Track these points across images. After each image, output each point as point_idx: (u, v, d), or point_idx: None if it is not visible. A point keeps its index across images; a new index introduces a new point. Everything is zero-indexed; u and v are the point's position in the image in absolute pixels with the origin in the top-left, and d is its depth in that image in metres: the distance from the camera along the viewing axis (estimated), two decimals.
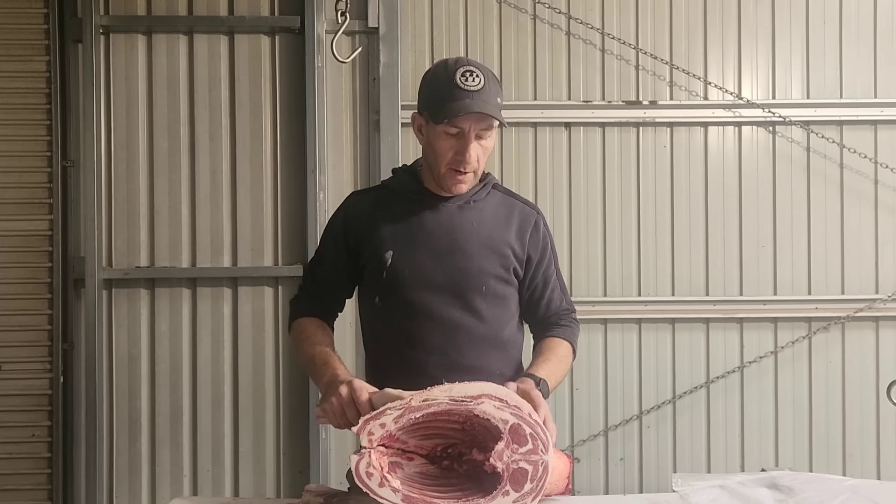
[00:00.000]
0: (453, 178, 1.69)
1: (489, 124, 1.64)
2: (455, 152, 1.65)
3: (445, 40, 3.42)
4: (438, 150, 1.67)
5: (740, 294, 3.44)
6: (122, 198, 3.37)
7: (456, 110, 1.60)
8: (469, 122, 1.62)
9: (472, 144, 1.64)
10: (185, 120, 3.38)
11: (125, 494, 3.35)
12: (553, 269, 1.86)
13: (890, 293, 3.39)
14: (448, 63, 1.68)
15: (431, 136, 1.68)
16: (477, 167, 1.69)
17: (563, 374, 1.76)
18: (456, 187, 1.71)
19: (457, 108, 1.60)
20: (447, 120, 1.61)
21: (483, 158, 1.70)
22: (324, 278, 1.84)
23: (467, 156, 1.64)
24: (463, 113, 1.59)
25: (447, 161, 1.67)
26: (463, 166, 1.66)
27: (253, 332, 3.37)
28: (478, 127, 1.63)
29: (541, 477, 1.38)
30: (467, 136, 1.63)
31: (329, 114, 3.38)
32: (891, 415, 3.40)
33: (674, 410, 3.43)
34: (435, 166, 1.71)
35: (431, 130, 1.68)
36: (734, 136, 3.46)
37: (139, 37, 3.37)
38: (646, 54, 3.41)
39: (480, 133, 1.65)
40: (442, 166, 1.68)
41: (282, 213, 3.39)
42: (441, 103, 1.62)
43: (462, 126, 1.62)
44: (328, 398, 1.50)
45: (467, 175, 1.69)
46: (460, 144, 1.64)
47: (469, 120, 1.62)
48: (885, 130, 3.44)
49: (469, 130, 1.63)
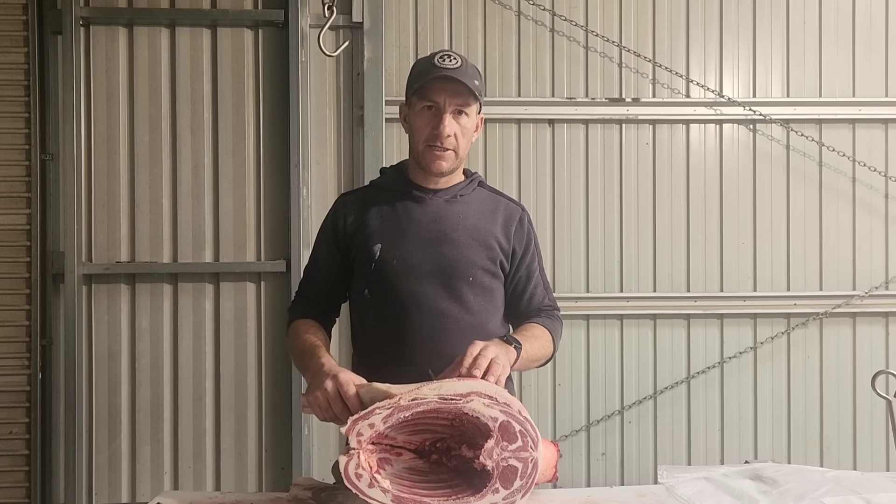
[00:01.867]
0: (431, 154, 1.72)
1: (465, 100, 1.69)
2: (431, 127, 1.70)
3: (430, 36, 3.42)
4: (416, 128, 1.73)
5: (721, 290, 3.48)
6: (103, 192, 3.33)
7: (431, 82, 1.67)
8: (444, 96, 1.68)
9: (447, 117, 1.69)
10: (166, 114, 3.35)
11: (105, 491, 3.32)
12: (536, 266, 1.87)
13: (867, 289, 3.45)
14: (430, 53, 1.76)
15: (412, 117, 1.75)
16: (456, 144, 1.72)
17: (536, 351, 1.72)
18: (435, 164, 1.73)
19: (430, 76, 1.67)
20: (420, 93, 1.68)
21: (462, 138, 1.73)
22: (318, 282, 1.86)
23: (442, 128, 1.68)
24: (435, 81, 1.66)
25: (425, 137, 1.71)
26: (440, 140, 1.69)
27: (235, 327, 3.35)
28: (453, 102, 1.68)
29: (530, 474, 1.38)
30: (443, 109, 1.68)
31: (312, 109, 3.36)
32: (867, 408, 3.47)
33: (655, 405, 3.47)
34: (415, 147, 1.75)
35: (412, 112, 1.74)
36: (715, 134, 3.50)
37: (120, 29, 3.33)
38: (629, 52, 3.44)
39: (457, 109, 1.69)
40: (421, 143, 1.73)
41: (264, 208, 3.37)
42: (419, 82, 1.70)
43: (436, 99, 1.68)
44: (313, 391, 1.49)
45: (447, 152, 1.72)
46: (436, 119, 1.69)
47: (444, 92, 1.67)
48: (862, 129, 3.50)
49: (444, 104, 1.68)
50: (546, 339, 1.78)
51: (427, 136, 1.71)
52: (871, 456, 3.48)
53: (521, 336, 1.68)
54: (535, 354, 1.71)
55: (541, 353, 1.74)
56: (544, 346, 1.76)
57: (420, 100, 1.70)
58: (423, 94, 1.69)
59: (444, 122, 1.68)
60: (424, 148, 1.72)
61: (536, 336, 1.74)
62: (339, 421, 1.45)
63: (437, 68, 1.68)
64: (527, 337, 1.69)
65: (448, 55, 1.71)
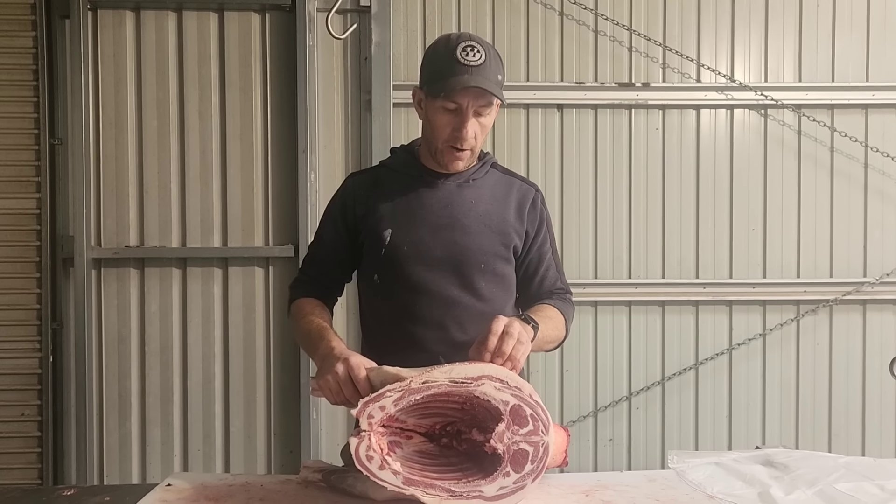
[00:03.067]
0: (450, 154, 1.68)
1: (488, 101, 1.62)
2: (452, 129, 1.64)
3: (438, 20, 3.39)
4: (436, 126, 1.66)
5: (730, 277, 3.46)
6: (111, 176, 3.33)
7: (454, 85, 1.58)
8: (467, 98, 1.60)
9: (469, 121, 1.62)
10: (174, 98, 3.34)
11: (115, 473, 3.35)
12: (548, 248, 1.84)
13: (878, 276, 3.43)
14: (450, 38, 1.65)
15: (430, 111, 1.67)
16: (475, 144, 1.67)
17: (550, 332, 1.68)
18: (453, 164, 1.70)
19: (455, 82, 1.58)
20: (444, 95, 1.59)
21: (481, 136, 1.68)
22: (323, 260, 1.83)
23: (464, 132, 1.63)
24: (460, 87, 1.57)
25: (445, 137, 1.66)
26: (460, 143, 1.64)
27: (244, 312, 3.36)
28: (476, 104, 1.61)
29: (541, 458, 1.38)
30: (465, 112, 1.61)
31: (320, 93, 3.35)
32: (876, 395, 3.46)
33: (663, 392, 3.47)
34: (433, 142, 1.70)
35: (430, 105, 1.66)
36: (726, 119, 3.47)
37: (127, 13, 3.33)
38: (639, 36, 3.41)
39: (479, 110, 1.63)
40: (439, 142, 1.67)
41: (272, 193, 3.37)
42: (440, 78, 1.61)
43: (460, 102, 1.60)
44: (323, 374, 1.49)
45: (464, 152, 1.67)
46: (458, 121, 1.63)
47: (467, 96, 1.60)
48: (875, 114, 3.46)
49: (467, 107, 1.61)
50: (559, 320, 1.75)
51: (447, 137, 1.65)
52: (880, 443, 3.47)
53: (535, 316, 1.63)
54: (548, 336, 1.68)
55: (554, 334, 1.71)
56: (557, 328, 1.73)
57: (442, 99, 1.61)
58: (447, 96, 1.59)
59: (467, 127, 1.62)
60: (443, 147, 1.67)
61: (550, 317, 1.71)
62: (349, 404, 1.45)
63: (461, 66, 1.58)
64: (541, 318, 1.65)
65: (471, 47, 1.60)
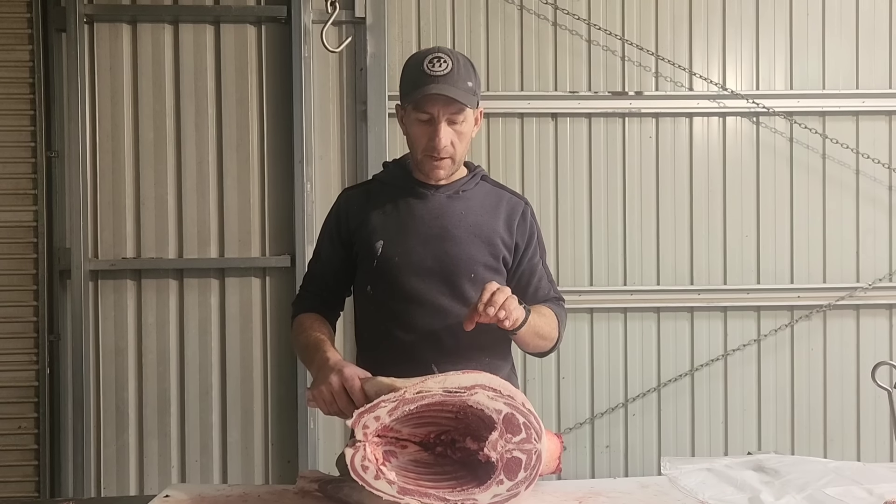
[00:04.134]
0: (430, 163, 1.72)
1: (458, 108, 1.67)
2: (428, 138, 1.69)
3: (432, 30, 3.42)
4: (414, 137, 1.72)
5: (724, 283, 3.48)
6: (108, 189, 3.35)
7: (420, 95, 1.64)
8: (437, 107, 1.65)
9: (442, 129, 1.67)
10: (170, 110, 3.36)
11: (113, 485, 3.34)
12: (539, 259, 1.87)
13: (871, 281, 3.45)
14: (420, 52, 1.73)
15: (408, 124, 1.74)
16: (453, 152, 1.71)
17: (542, 326, 1.72)
18: (433, 173, 1.74)
19: (421, 93, 1.64)
20: (413, 106, 1.66)
21: (459, 144, 1.72)
22: (322, 276, 1.87)
23: (437, 140, 1.67)
24: (425, 96, 1.63)
25: (422, 147, 1.71)
26: (436, 152, 1.69)
27: (241, 323, 3.37)
28: (447, 111, 1.66)
29: (534, 465, 1.39)
30: (437, 120, 1.67)
31: (316, 104, 3.37)
32: (870, 400, 3.47)
33: (659, 398, 3.48)
34: (414, 154, 1.75)
35: (407, 119, 1.73)
36: (719, 127, 3.50)
37: (124, 26, 3.35)
38: (632, 45, 3.44)
39: (451, 118, 1.68)
40: (419, 153, 1.73)
41: (269, 203, 3.39)
42: (410, 91, 1.67)
43: (430, 111, 1.66)
44: (318, 385, 1.51)
45: (444, 161, 1.71)
46: (431, 130, 1.68)
47: (436, 104, 1.65)
48: (866, 121, 3.49)
49: (438, 115, 1.66)
50: (552, 319, 1.77)
51: (424, 147, 1.70)
52: (875, 448, 3.49)
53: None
54: (540, 329, 1.71)
55: (546, 329, 1.74)
56: (550, 325, 1.76)
57: (414, 110, 1.68)
58: (417, 106, 1.67)
59: (440, 135, 1.67)
60: (423, 157, 1.72)
61: (543, 314, 1.74)
62: (343, 415, 1.47)
63: (427, 76, 1.64)
64: (534, 309, 1.69)
65: (438, 58, 1.66)
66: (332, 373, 1.49)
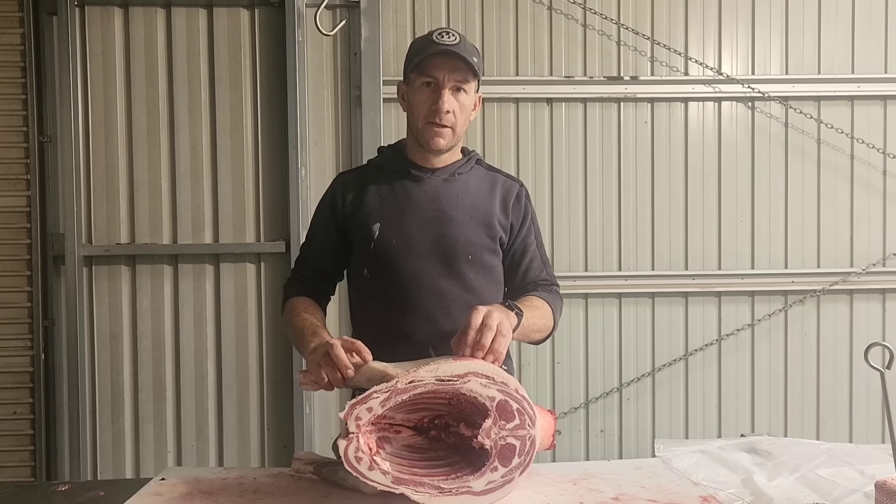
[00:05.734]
0: (430, 131, 1.72)
1: (463, 76, 1.69)
2: (430, 103, 1.70)
3: (427, 15, 3.40)
4: (415, 105, 1.73)
5: (719, 268, 3.49)
6: (101, 174, 3.33)
7: (427, 55, 1.67)
8: (443, 72, 1.68)
9: (446, 93, 1.68)
10: (163, 95, 3.34)
11: (109, 470, 3.36)
12: (533, 240, 1.87)
13: (864, 266, 3.47)
14: (428, 31, 1.76)
15: (410, 94, 1.75)
16: (454, 121, 1.72)
17: (536, 321, 1.69)
18: (433, 141, 1.73)
19: (428, 53, 1.67)
20: (419, 66, 1.68)
21: (461, 115, 1.73)
22: (315, 260, 1.86)
23: (441, 103, 1.68)
24: (433, 53, 1.66)
25: (424, 114, 1.71)
26: (438, 117, 1.69)
27: (236, 308, 3.37)
28: (452, 78, 1.68)
29: (528, 451, 1.40)
30: (441, 83, 1.68)
31: (310, 89, 3.35)
32: (863, 384, 3.50)
33: (653, 383, 3.50)
34: (414, 125, 1.75)
35: (411, 89, 1.74)
36: (714, 112, 3.49)
37: (115, 10, 3.32)
38: (627, 29, 3.42)
39: (456, 85, 1.69)
40: (420, 121, 1.73)
41: (263, 189, 3.38)
42: (416, 58, 1.70)
43: (436, 75, 1.68)
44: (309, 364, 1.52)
45: (445, 129, 1.71)
46: (435, 95, 1.69)
47: (443, 68, 1.67)
48: (861, 106, 3.49)
49: (443, 80, 1.68)
50: (546, 310, 1.76)
51: (426, 113, 1.70)
52: (867, 431, 3.52)
53: (520, 305, 1.65)
54: (535, 325, 1.69)
55: (540, 323, 1.73)
56: (544, 317, 1.75)
57: (419, 76, 1.70)
58: (422, 70, 1.69)
59: (444, 98, 1.68)
60: (423, 125, 1.72)
61: (536, 307, 1.73)
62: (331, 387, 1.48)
63: (435, 44, 1.67)
64: (526, 307, 1.67)
65: (446, 32, 1.70)
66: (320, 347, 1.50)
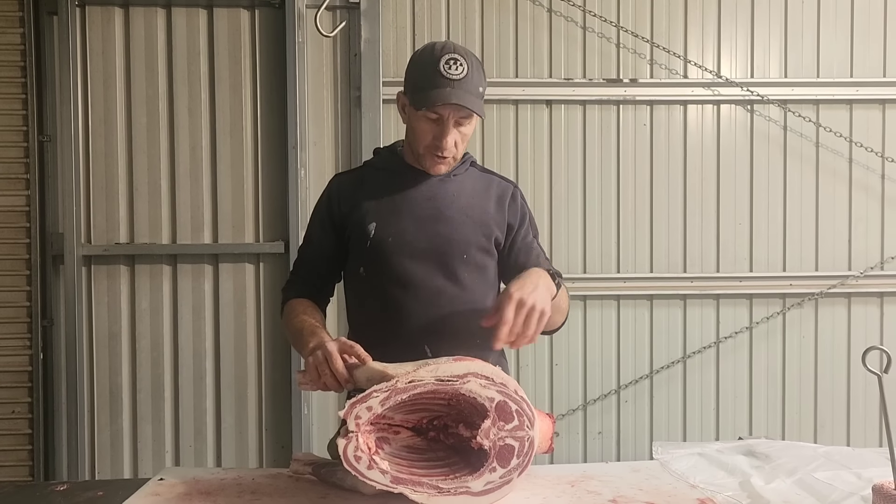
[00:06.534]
0: (432, 159, 1.73)
1: (468, 113, 1.68)
2: (434, 137, 1.69)
3: (427, 16, 3.41)
4: (418, 133, 1.72)
5: (717, 271, 3.50)
6: (101, 173, 3.33)
7: (435, 99, 1.63)
8: (448, 111, 1.66)
9: (450, 131, 1.68)
10: (163, 95, 3.35)
11: (107, 470, 3.36)
12: (533, 238, 1.88)
13: (862, 270, 3.47)
14: (435, 47, 1.69)
15: (413, 118, 1.73)
16: (455, 152, 1.73)
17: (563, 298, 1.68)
18: (435, 168, 1.75)
19: (437, 96, 1.63)
20: (426, 108, 1.65)
21: (462, 144, 1.74)
22: (312, 261, 1.87)
23: (444, 142, 1.68)
24: (441, 103, 1.63)
25: (426, 144, 1.72)
26: (440, 151, 1.70)
27: (234, 308, 3.37)
28: (457, 115, 1.67)
29: (527, 452, 1.40)
30: (446, 123, 1.67)
31: (310, 90, 3.35)
32: (861, 387, 3.50)
33: (651, 385, 3.50)
34: (415, 147, 1.76)
35: (413, 112, 1.72)
36: (713, 115, 3.50)
37: (116, 9, 3.32)
38: (627, 32, 3.43)
39: (459, 121, 1.69)
40: (421, 147, 1.73)
41: (262, 189, 3.38)
42: (423, 89, 1.66)
43: (441, 113, 1.66)
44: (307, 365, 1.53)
45: (446, 159, 1.73)
46: (439, 130, 1.68)
47: (448, 107, 1.65)
48: (860, 110, 3.50)
49: (448, 118, 1.67)
50: (564, 292, 1.76)
51: (429, 144, 1.71)
52: (865, 434, 3.52)
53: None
54: (561, 301, 1.69)
55: (564, 305, 1.73)
56: (565, 299, 1.75)
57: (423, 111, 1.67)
58: (427, 105, 1.65)
59: (447, 137, 1.68)
60: (425, 152, 1.73)
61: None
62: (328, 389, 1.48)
63: (443, 79, 1.63)
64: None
65: (454, 60, 1.65)
66: (318, 348, 1.50)
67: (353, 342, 1.49)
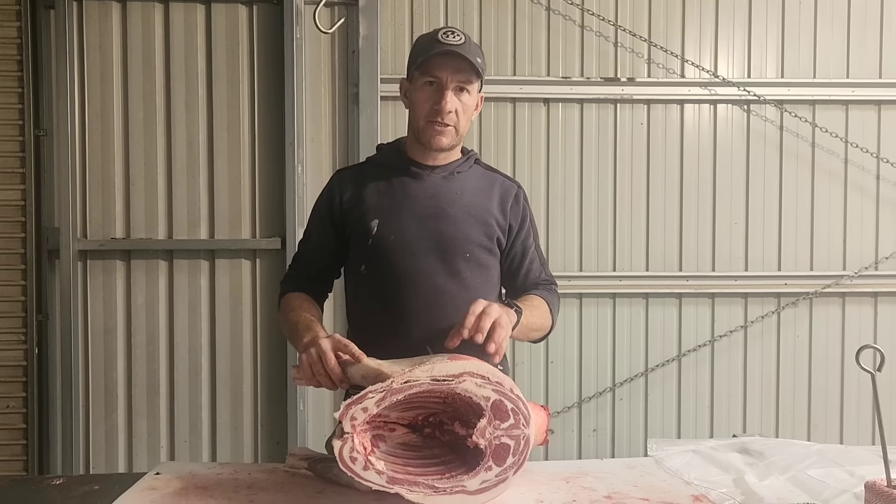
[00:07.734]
0: (432, 129, 1.72)
1: (467, 77, 1.69)
2: (433, 102, 1.70)
3: (425, 13, 3.40)
4: (418, 103, 1.73)
5: (712, 270, 3.51)
6: (97, 168, 3.33)
7: (431, 53, 1.67)
8: (446, 72, 1.67)
9: (449, 94, 1.68)
10: (160, 90, 3.34)
11: (102, 465, 3.35)
12: (532, 241, 1.88)
13: (857, 270, 3.49)
14: (434, 29, 1.75)
15: (413, 93, 1.74)
16: (456, 121, 1.72)
17: (535, 320, 1.72)
18: (435, 139, 1.73)
19: (433, 52, 1.67)
20: (423, 66, 1.67)
21: (463, 115, 1.73)
22: (311, 256, 1.87)
23: (444, 104, 1.68)
24: (438, 52, 1.65)
25: (426, 112, 1.72)
26: (440, 116, 1.70)
27: (231, 304, 3.37)
28: (455, 78, 1.68)
29: (522, 450, 1.40)
30: (444, 84, 1.68)
31: (307, 86, 3.35)
32: (854, 386, 3.52)
33: (646, 383, 3.51)
34: (416, 122, 1.75)
35: (413, 87, 1.74)
36: (710, 114, 3.51)
37: (113, 4, 3.31)
38: (624, 31, 3.43)
39: (459, 85, 1.70)
40: (421, 119, 1.73)
41: (259, 185, 3.38)
42: (420, 56, 1.69)
43: (439, 75, 1.68)
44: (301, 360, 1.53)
45: (447, 128, 1.72)
46: (437, 94, 1.69)
47: (446, 69, 1.67)
48: (855, 110, 3.51)
49: (446, 80, 1.68)
50: (544, 310, 1.78)
51: (428, 112, 1.71)
52: (858, 433, 3.54)
53: (519, 303, 1.67)
54: (533, 323, 1.71)
55: (539, 322, 1.74)
56: (543, 316, 1.76)
57: (422, 75, 1.70)
58: (426, 70, 1.68)
59: (446, 98, 1.68)
60: (425, 123, 1.72)
61: (535, 306, 1.74)
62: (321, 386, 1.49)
63: (440, 44, 1.67)
64: (526, 306, 1.68)
65: (452, 31, 1.70)
66: (313, 345, 1.50)
67: (346, 340, 1.49)
